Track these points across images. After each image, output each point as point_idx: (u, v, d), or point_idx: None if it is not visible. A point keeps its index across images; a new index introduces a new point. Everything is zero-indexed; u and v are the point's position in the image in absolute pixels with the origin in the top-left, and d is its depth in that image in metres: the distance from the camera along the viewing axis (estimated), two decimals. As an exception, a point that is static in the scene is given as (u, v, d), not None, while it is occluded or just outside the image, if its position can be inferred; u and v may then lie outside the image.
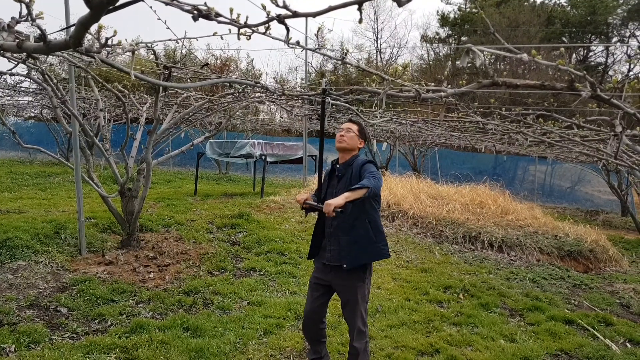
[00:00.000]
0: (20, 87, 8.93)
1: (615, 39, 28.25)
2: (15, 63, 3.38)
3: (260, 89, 4.20)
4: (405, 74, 2.77)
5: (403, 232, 8.24)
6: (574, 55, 28.38)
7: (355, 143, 3.09)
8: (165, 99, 8.67)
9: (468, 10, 30.94)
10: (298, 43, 2.35)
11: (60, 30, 2.60)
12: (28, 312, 3.88)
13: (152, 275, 5.01)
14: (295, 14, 1.62)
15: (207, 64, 4.74)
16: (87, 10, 1.32)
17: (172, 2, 1.53)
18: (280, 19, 1.64)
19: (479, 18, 25.54)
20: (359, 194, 2.69)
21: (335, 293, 3.15)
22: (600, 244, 7.82)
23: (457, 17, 31.55)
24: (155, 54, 4.69)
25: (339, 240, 2.96)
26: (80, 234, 5.32)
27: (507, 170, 19.81)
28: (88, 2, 1.23)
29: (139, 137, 6.09)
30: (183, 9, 1.55)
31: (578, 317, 4.80)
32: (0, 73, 4.00)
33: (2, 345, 3.28)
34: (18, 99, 12.40)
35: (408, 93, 2.20)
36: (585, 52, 28.57)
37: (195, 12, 1.56)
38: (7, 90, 10.07)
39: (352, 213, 2.91)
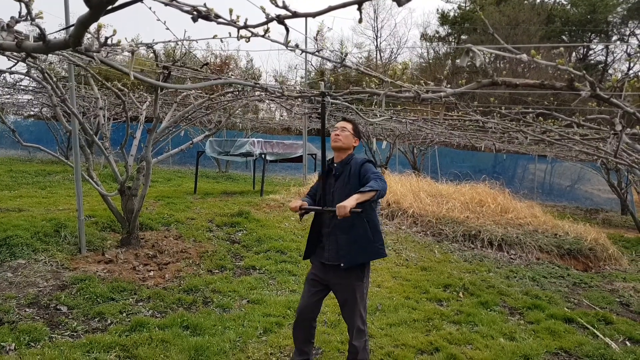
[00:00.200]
0: (20, 85, 8.92)
1: (615, 38, 28.22)
2: (15, 61, 3.37)
3: (260, 90, 4.19)
4: (405, 74, 2.77)
5: (403, 230, 8.25)
6: (574, 54, 28.35)
7: (351, 142, 3.10)
8: (165, 98, 8.67)
9: (468, 9, 30.88)
10: (297, 46, 2.35)
11: (60, 30, 2.60)
12: (28, 310, 3.88)
13: (152, 274, 5.02)
14: (295, 14, 1.62)
15: (207, 64, 4.73)
16: (86, 10, 1.32)
17: (171, 2, 1.53)
18: (280, 20, 1.64)
19: (479, 17, 25.50)
20: (368, 196, 2.71)
21: (332, 293, 3.15)
22: (600, 243, 7.83)
23: (456, 15, 31.50)
24: (155, 53, 4.68)
25: (337, 240, 2.96)
26: (80, 233, 5.33)
27: (506, 169, 19.80)
28: (88, 1, 1.23)
29: (139, 135, 6.09)
30: (182, 10, 1.55)
31: (578, 315, 4.80)
32: (0, 71, 3.99)
33: (2, 344, 3.29)
34: (18, 98, 12.38)
35: (408, 93, 2.20)
36: (585, 50, 28.54)
37: (195, 12, 1.56)
38: (6, 89, 10.06)
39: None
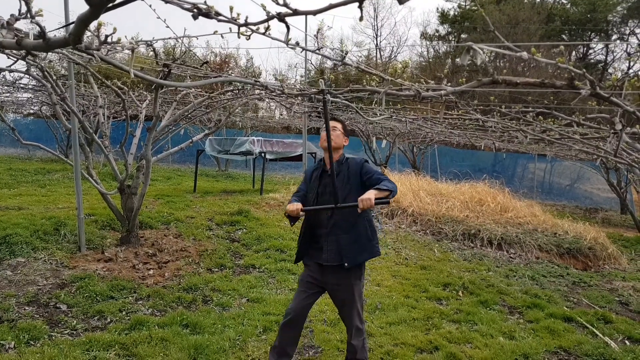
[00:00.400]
0: (20, 83, 8.90)
1: (615, 37, 28.22)
2: (15, 60, 3.36)
3: (260, 88, 4.19)
4: (405, 73, 2.77)
5: (402, 229, 8.26)
6: (574, 53, 28.35)
7: (341, 141, 3.11)
8: (165, 96, 8.66)
9: (468, 8, 30.87)
10: (297, 44, 2.34)
11: (60, 28, 2.59)
12: (27, 308, 3.88)
13: (151, 272, 5.02)
14: (296, 12, 1.61)
15: (206, 62, 4.73)
16: (86, 8, 1.32)
17: (171, 0, 1.52)
18: (281, 17, 1.63)
19: (479, 15, 25.49)
20: (383, 195, 2.76)
21: (328, 293, 3.13)
22: (600, 242, 7.83)
23: (456, 14, 31.49)
24: (155, 52, 4.67)
25: (338, 240, 2.94)
26: (80, 231, 5.33)
27: (506, 168, 19.81)
28: (88, -1, 1.23)
29: (139, 134, 6.09)
30: (183, 7, 1.54)
31: (577, 314, 4.81)
32: (0, 69, 3.99)
33: (1, 342, 3.29)
34: (17, 96, 12.36)
35: (408, 92, 2.20)
36: (585, 49, 28.54)
37: (195, 10, 1.56)
38: (6, 87, 10.04)
39: (352, 213, 2.91)
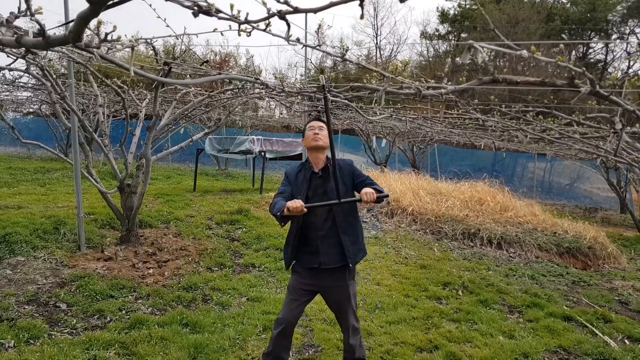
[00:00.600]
0: (19, 82, 8.89)
1: (615, 36, 28.22)
2: (14, 58, 3.36)
3: (260, 86, 4.18)
4: (405, 71, 2.76)
5: (402, 228, 8.26)
6: (574, 52, 28.36)
7: (327, 141, 3.05)
8: (165, 95, 8.65)
9: (468, 7, 30.87)
10: (298, 40, 2.34)
11: (60, 26, 2.59)
12: (27, 307, 3.88)
13: (151, 271, 5.01)
14: (297, 10, 1.61)
15: (206, 61, 4.72)
16: (86, 5, 1.31)
17: (172, -3, 1.52)
18: (281, 15, 1.63)
19: (479, 15, 25.49)
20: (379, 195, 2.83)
21: (321, 296, 3.12)
22: (599, 241, 7.83)
23: (456, 13, 31.49)
24: (155, 50, 4.67)
25: (340, 241, 2.91)
26: (80, 230, 5.32)
27: (506, 167, 19.81)
28: (88, -3, 1.23)
29: (138, 132, 6.08)
30: (183, 5, 1.54)
31: (577, 313, 4.81)
32: (-1, 68, 3.99)
33: (1, 341, 3.28)
34: (17, 95, 12.36)
35: (408, 90, 2.20)
36: (585, 49, 28.54)
37: (196, 8, 1.55)
38: (5, 86, 10.03)
39: (351, 213, 2.95)
